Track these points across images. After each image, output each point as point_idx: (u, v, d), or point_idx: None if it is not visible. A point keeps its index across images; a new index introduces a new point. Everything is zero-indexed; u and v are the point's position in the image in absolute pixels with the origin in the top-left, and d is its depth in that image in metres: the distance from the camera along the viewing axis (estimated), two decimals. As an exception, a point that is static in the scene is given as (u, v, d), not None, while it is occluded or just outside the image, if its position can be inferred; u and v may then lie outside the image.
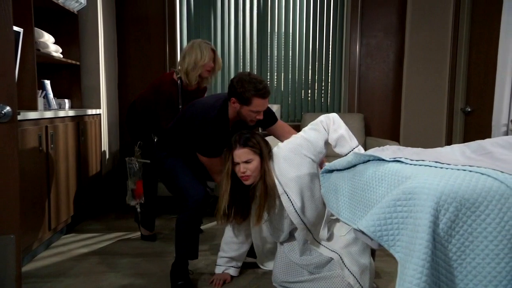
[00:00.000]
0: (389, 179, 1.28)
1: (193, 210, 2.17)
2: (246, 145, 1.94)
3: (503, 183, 1.13)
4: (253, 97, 2.03)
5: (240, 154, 1.92)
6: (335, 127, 2.02)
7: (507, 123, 2.96)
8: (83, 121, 3.19)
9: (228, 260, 2.25)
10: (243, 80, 2.04)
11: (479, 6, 3.78)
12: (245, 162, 1.92)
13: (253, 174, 1.94)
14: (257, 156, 1.94)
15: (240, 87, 2.03)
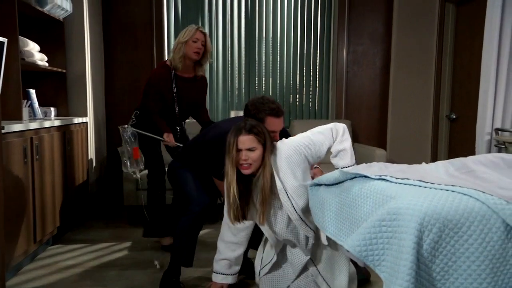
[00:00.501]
0: (375, 197, 1.30)
1: (195, 214, 2.25)
2: (251, 131, 1.88)
3: (484, 204, 1.15)
4: (266, 116, 2.06)
5: (245, 140, 1.86)
6: (342, 139, 1.99)
7: (491, 132, 3.01)
8: (69, 130, 3.16)
9: (226, 265, 2.16)
10: (256, 102, 2.11)
11: (463, 15, 3.85)
12: (248, 149, 1.87)
13: (254, 164, 1.88)
14: (261, 145, 1.89)
15: (254, 109, 2.08)
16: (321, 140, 1.97)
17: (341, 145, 1.97)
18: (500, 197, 1.17)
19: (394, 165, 1.62)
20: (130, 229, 3.38)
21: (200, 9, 4.19)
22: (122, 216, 3.64)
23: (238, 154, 1.87)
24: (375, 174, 1.43)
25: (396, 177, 1.38)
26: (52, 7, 3.15)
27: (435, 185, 1.27)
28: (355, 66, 4.39)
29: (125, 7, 4.07)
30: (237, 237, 2.13)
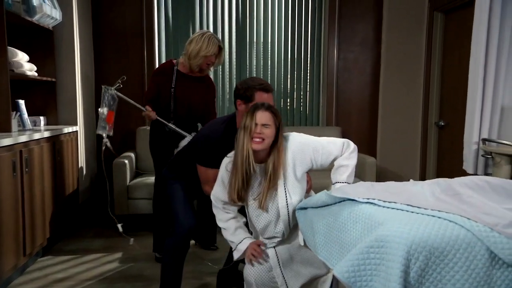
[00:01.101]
0: (363, 222, 1.32)
1: (179, 237, 2.22)
2: (269, 109, 1.92)
3: (469, 231, 1.18)
4: (256, 91, 2.07)
5: (263, 116, 1.89)
6: (350, 156, 1.96)
7: (478, 141, 3.05)
8: (59, 140, 3.14)
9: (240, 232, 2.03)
10: (245, 81, 2.14)
11: (451, 23, 3.90)
12: (263, 125, 1.88)
13: (266, 140, 1.88)
14: (274, 126, 1.91)
15: (243, 86, 2.10)
16: (331, 149, 1.96)
17: (346, 161, 1.95)
18: (485, 224, 1.20)
19: (380, 184, 1.65)
20: (120, 238, 3.36)
21: (191, 16, 4.19)
22: (112, 226, 3.62)
23: (254, 128, 1.88)
24: (362, 196, 1.45)
25: (384, 200, 1.40)
26: (41, 16, 3.13)
27: (422, 210, 1.30)
28: (346, 73, 4.42)
29: (115, 15, 4.05)
30: (231, 213, 2.06)
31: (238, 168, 1.88)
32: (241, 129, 1.91)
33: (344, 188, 1.62)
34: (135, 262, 2.90)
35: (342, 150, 1.98)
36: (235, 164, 1.91)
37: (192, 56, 2.74)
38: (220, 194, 2.00)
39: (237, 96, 2.13)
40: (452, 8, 3.81)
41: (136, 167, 3.85)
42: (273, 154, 1.91)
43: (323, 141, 1.98)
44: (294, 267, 1.96)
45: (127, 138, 4.11)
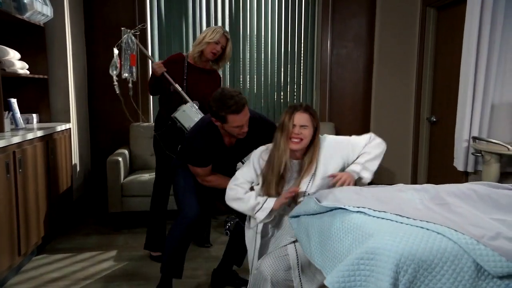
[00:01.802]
0: (355, 232, 1.35)
1: (183, 227, 2.27)
2: (307, 110, 1.96)
3: (456, 244, 1.22)
4: (227, 115, 2.06)
5: (301, 117, 1.93)
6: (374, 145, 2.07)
7: (468, 139, 3.10)
8: (52, 139, 3.14)
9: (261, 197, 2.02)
10: (215, 99, 2.08)
11: (444, 20, 3.91)
12: (301, 126, 1.93)
13: (304, 140, 1.94)
14: (312, 126, 1.95)
15: (214, 107, 2.08)
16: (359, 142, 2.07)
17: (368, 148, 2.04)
18: (472, 236, 1.24)
19: (370, 189, 1.68)
20: (115, 236, 3.39)
21: (184, 12, 4.16)
22: (107, 223, 3.64)
23: (293, 129, 1.92)
24: (353, 205, 1.48)
25: (374, 209, 1.43)
26: (32, 13, 3.10)
27: (411, 221, 1.33)
28: (339, 68, 4.43)
29: (108, 11, 4.01)
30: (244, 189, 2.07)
31: (275, 167, 1.94)
32: (279, 128, 1.96)
33: (336, 194, 1.65)
34: (130, 260, 2.93)
35: (369, 140, 2.08)
36: (271, 161, 1.96)
37: (195, 44, 2.82)
38: (247, 176, 2.04)
39: (212, 114, 2.13)
40: (445, 4, 3.82)
41: (130, 164, 3.86)
42: (309, 153, 1.97)
43: (352, 139, 2.08)
44: (311, 271, 1.96)
45: (120, 134, 4.11)
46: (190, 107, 2.68)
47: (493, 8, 2.93)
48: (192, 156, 2.25)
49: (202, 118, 2.38)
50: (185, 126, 2.64)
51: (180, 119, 2.67)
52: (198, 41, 2.80)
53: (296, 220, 1.74)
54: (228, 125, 2.10)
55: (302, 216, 1.70)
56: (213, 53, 2.79)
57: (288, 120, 1.93)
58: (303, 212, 1.67)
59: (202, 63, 2.86)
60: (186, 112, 2.65)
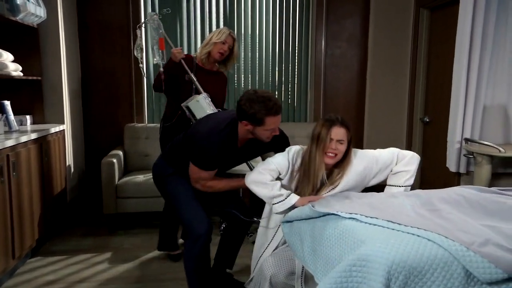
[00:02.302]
0: (347, 239, 1.37)
1: (197, 246, 2.12)
2: (344, 124, 1.94)
3: (446, 251, 1.24)
4: (265, 117, 1.96)
5: (338, 132, 1.91)
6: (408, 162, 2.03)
7: (461, 141, 3.13)
8: (46, 141, 3.13)
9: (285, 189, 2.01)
10: (251, 100, 1.96)
11: (437, 21, 3.94)
12: (338, 141, 1.91)
13: (338, 155, 1.93)
14: (347, 141, 1.94)
15: (250, 109, 1.95)
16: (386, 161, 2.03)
17: (404, 167, 2.02)
18: (461, 243, 1.26)
19: (362, 195, 1.70)
20: (110, 237, 3.39)
21: (178, 11, 4.15)
22: (101, 224, 3.64)
23: (330, 143, 1.91)
24: (345, 211, 1.50)
25: (366, 215, 1.45)
26: (25, 15, 3.08)
27: (402, 227, 1.35)
28: (333, 68, 4.45)
29: (101, 11, 4.00)
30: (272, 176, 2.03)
31: (310, 178, 1.94)
32: (314, 140, 1.93)
33: (329, 200, 1.67)
34: (125, 262, 2.93)
35: (395, 161, 2.04)
36: (306, 173, 1.95)
37: (204, 45, 2.87)
38: (280, 166, 1.98)
39: (243, 117, 2.00)
40: (438, 5, 3.84)
41: (125, 165, 3.86)
42: (341, 166, 1.96)
43: (377, 152, 2.05)
44: (314, 282, 1.92)
45: (114, 135, 4.11)
46: (203, 98, 2.66)
47: (485, 10, 2.96)
48: (205, 161, 2.08)
49: (215, 121, 2.14)
50: (196, 116, 2.61)
51: (192, 109, 2.64)
52: (205, 43, 2.85)
53: (288, 225, 1.75)
54: (262, 127, 1.99)
55: (295, 221, 1.71)
56: (221, 53, 2.83)
57: (326, 134, 1.90)
58: (296, 217, 1.68)
59: (209, 64, 2.90)
60: (200, 102, 2.62)
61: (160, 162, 2.31)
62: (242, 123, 2.04)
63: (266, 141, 2.10)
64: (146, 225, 3.64)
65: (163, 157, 2.31)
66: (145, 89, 4.19)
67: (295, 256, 1.70)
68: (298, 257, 1.66)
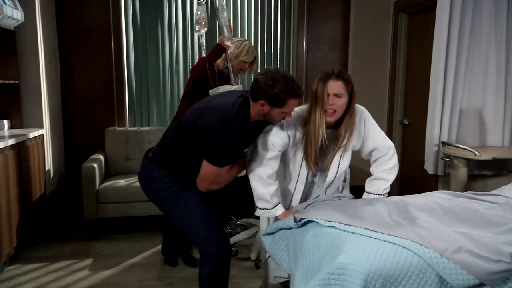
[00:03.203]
0: (325, 246, 1.40)
1: (215, 263, 1.94)
2: (340, 77, 1.83)
3: (421, 258, 1.28)
4: (288, 98, 1.80)
5: (334, 85, 1.81)
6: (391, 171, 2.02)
7: (438, 144, 3.20)
8: (24, 146, 3.08)
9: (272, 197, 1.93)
10: (275, 79, 1.78)
11: (415, 25, 4.01)
12: (335, 95, 1.82)
13: (338, 111, 1.83)
14: (347, 94, 1.84)
15: (273, 88, 1.77)
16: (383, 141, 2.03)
17: (387, 175, 2.02)
18: (435, 250, 1.30)
19: (342, 201, 1.73)
20: (90, 243, 3.35)
21: (159, 13, 4.13)
22: (82, 230, 3.60)
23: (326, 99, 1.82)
24: (325, 219, 1.53)
25: (344, 223, 1.48)
26: (2, 18, 3.02)
27: (379, 235, 1.38)
28: (315, 71, 4.48)
29: (81, 13, 3.95)
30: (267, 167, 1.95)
31: (312, 141, 1.85)
32: (312, 100, 1.84)
33: (309, 207, 1.70)
34: (106, 268, 2.91)
35: (389, 152, 2.03)
36: (308, 136, 1.87)
37: (231, 58, 2.89)
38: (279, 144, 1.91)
39: (262, 96, 1.80)
40: (416, 10, 3.92)
41: (106, 169, 3.82)
42: (345, 121, 1.88)
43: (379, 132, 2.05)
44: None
45: (95, 138, 4.06)
46: (238, 87, 2.65)
47: (460, 17, 3.03)
48: (227, 156, 1.86)
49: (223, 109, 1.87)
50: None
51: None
52: (233, 56, 2.88)
53: (270, 237, 1.77)
54: (281, 109, 1.83)
55: (277, 233, 1.73)
56: (241, 69, 2.94)
57: (322, 89, 1.80)
58: (277, 229, 1.71)
59: (223, 69, 2.96)
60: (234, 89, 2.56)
61: (156, 174, 2.01)
62: (258, 103, 1.84)
63: (275, 123, 1.96)
64: (128, 231, 3.62)
65: (159, 164, 2.01)
66: (126, 92, 4.15)
67: (281, 267, 1.72)
68: (286, 268, 1.67)
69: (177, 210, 1.98)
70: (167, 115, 4.26)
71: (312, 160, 1.88)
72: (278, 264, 1.73)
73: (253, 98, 1.86)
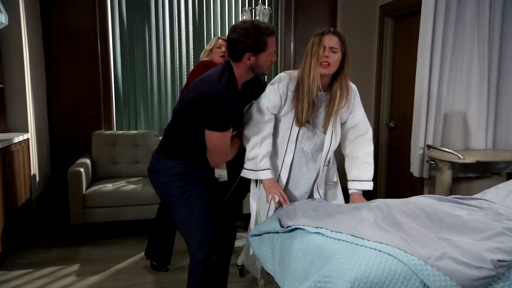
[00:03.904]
0: (312, 253, 1.42)
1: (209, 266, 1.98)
2: (336, 33, 1.89)
3: (406, 265, 1.30)
4: (266, 38, 1.83)
5: (331, 39, 1.86)
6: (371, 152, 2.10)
7: (424, 147, 3.25)
8: (9, 151, 3.04)
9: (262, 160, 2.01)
10: (246, 29, 1.82)
11: (400, 31, 4.07)
12: (331, 49, 1.86)
13: (332, 66, 1.88)
14: (341, 52, 1.89)
15: (250, 37, 1.81)
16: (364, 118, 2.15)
17: (369, 157, 2.10)
18: (419, 257, 1.33)
19: (329, 206, 1.75)
20: (77, 249, 3.33)
21: (146, 15, 4.11)
22: (69, 235, 3.57)
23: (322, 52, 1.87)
24: (312, 225, 1.55)
25: (331, 230, 1.50)
26: (-15, 21, 2.99)
27: (365, 242, 1.41)
28: (302, 74, 4.51)
29: (67, 16, 3.91)
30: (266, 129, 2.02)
31: (305, 94, 1.89)
32: (308, 55, 1.89)
33: (297, 213, 1.71)
34: (94, 274, 2.89)
35: (368, 132, 2.13)
36: (301, 89, 1.91)
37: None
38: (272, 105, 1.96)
39: (245, 49, 1.83)
40: (401, 14, 3.97)
41: (92, 173, 3.79)
42: (339, 80, 1.94)
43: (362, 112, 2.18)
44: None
45: (82, 142, 4.03)
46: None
47: (444, 22, 3.08)
48: (229, 117, 1.84)
49: (208, 76, 1.91)
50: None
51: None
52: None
53: (258, 238, 1.78)
54: (266, 52, 1.86)
55: (264, 235, 1.75)
56: (222, 56, 3.05)
57: (318, 42, 1.85)
58: (265, 231, 1.72)
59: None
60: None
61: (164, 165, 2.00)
62: (243, 59, 1.87)
63: (266, 72, 1.98)
64: (115, 235, 3.59)
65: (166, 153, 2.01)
66: (113, 95, 4.13)
67: (266, 269, 1.74)
68: (269, 270, 1.69)
69: (180, 206, 1.99)
70: (154, 118, 4.25)
71: (304, 114, 1.93)
72: (263, 265, 1.76)
73: (234, 58, 1.89)
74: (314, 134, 2.07)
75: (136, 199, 3.43)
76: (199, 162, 2.00)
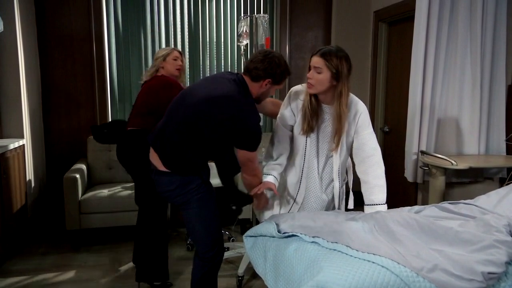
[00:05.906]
0: (307, 262, 1.45)
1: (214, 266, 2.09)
2: (322, 55, 1.93)
3: (398, 277, 1.33)
4: (287, 76, 2.03)
5: (315, 60, 1.93)
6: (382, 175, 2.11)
7: (417, 153, 3.28)
8: (4, 157, 3.04)
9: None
10: (279, 59, 1.97)
11: (394, 37, 4.10)
12: (315, 69, 1.92)
13: (316, 86, 1.93)
14: (329, 72, 1.91)
15: (280, 68, 1.95)
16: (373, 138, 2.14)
17: (380, 180, 2.11)
18: (412, 269, 1.35)
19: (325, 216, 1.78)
20: (73, 255, 3.33)
21: (142, 20, 4.12)
22: (64, 241, 3.56)
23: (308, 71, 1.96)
24: (308, 234, 1.57)
25: (327, 240, 1.52)
26: (-20, 28, 2.99)
27: (360, 254, 1.43)
28: (297, 79, 4.52)
29: (62, 21, 3.91)
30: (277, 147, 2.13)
31: (306, 111, 1.99)
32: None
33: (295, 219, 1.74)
34: (89, 281, 2.89)
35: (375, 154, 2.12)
36: (302, 104, 2.03)
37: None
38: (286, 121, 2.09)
39: (270, 75, 1.94)
40: (395, 20, 4.01)
41: (88, 179, 3.79)
42: (336, 100, 1.98)
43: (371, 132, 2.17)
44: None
45: (77, 147, 4.03)
46: None
47: (437, 28, 3.11)
48: (256, 138, 1.96)
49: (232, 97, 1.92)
50: None
51: None
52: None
53: (252, 239, 1.81)
54: (278, 86, 2.03)
55: (259, 237, 1.77)
56: (178, 69, 2.88)
57: (308, 63, 1.96)
58: (261, 234, 1.75)
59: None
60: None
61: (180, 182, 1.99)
62: (260, 82, 1.97)
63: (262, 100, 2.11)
64: (111, 241, 3.59)
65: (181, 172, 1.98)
66: (109, 100, 4.13)
67: (256, 271, 1.76)
68: (260, 273, 1.72)
69: (196, 210, 2.01)
70: (150, 123, 4.25)
71: (306, 123, 2.02)
72: (254, 267, 1.78)
73: (255, 79, 1.96)
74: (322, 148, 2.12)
75: (132, 205, 3.42)
76: (207, 165, 2.08)
